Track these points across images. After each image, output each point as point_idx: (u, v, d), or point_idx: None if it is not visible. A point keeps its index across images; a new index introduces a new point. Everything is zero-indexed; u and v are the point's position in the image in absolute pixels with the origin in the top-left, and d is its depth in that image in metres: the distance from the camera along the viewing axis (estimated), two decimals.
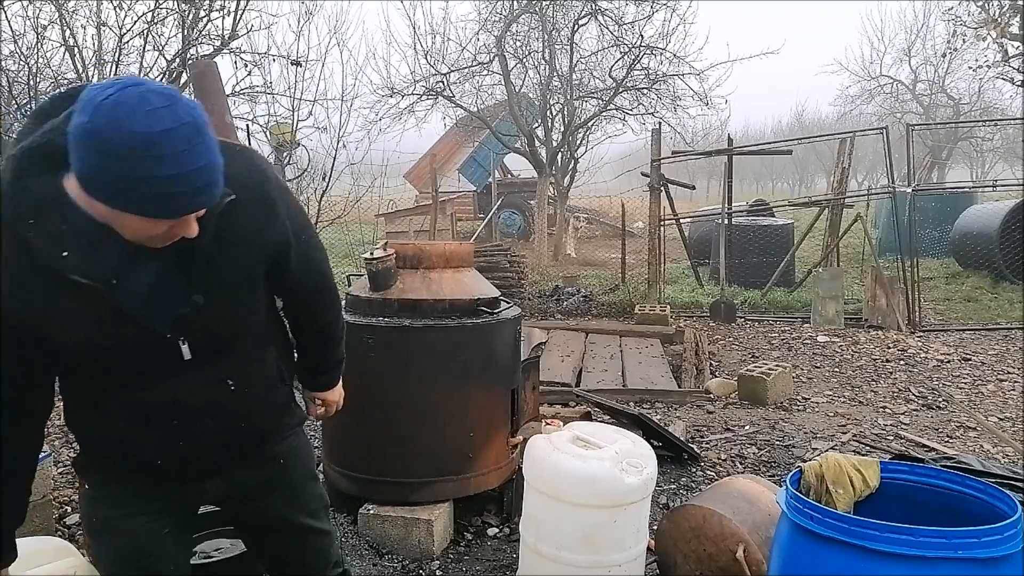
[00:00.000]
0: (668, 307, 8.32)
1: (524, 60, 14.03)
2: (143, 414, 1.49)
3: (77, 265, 1.29)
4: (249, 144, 9.63)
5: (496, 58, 13.30)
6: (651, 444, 2.86)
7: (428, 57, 13.22)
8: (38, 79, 8.13)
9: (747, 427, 4.74)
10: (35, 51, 8.14)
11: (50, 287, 1.30)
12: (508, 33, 13.26)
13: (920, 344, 7.02)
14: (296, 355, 1.83)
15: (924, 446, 4.38)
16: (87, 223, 1.28)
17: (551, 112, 14.53)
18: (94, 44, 8.32)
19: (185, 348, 1.46)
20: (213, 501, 1.72)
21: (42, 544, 1.88)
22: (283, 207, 1.55)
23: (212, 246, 1.40)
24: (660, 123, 11.54)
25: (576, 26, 13.36)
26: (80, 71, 8.18)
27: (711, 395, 5.42)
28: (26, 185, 1.27)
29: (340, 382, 1.99)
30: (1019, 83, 12.75)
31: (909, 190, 8.96)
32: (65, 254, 1.28)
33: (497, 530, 3.30)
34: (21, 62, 8.06)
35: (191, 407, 1.51)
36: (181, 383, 1.49)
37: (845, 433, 4.63)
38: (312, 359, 1.88)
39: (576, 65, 13.88)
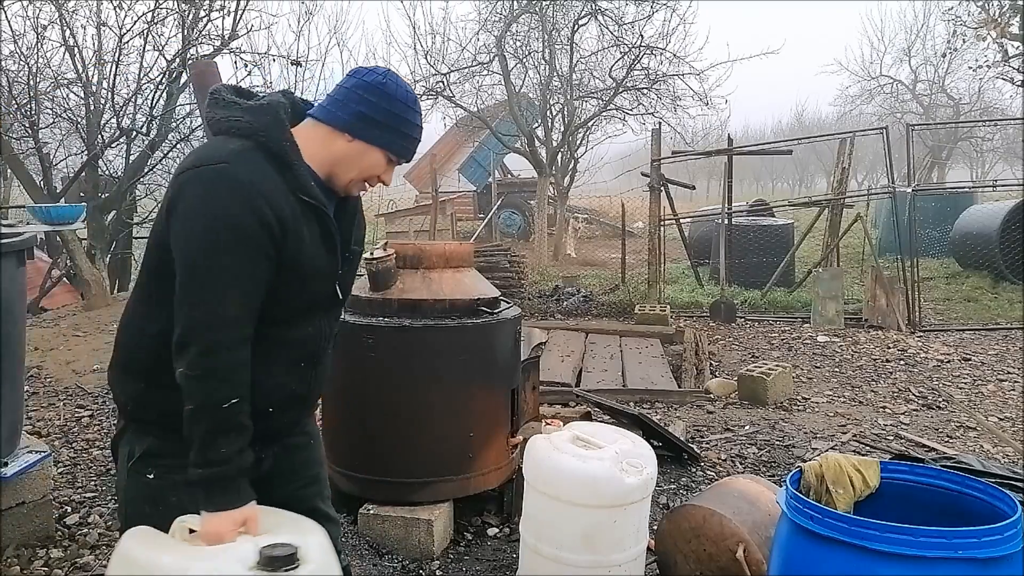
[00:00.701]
0: (668, 307, 8.32)
1: (524, 60, 14.03)
2: (278, 355, 1.65)
3: (316, 193, 1.61)
4: None
5: (496, 58, 13.30)
6: (651, 444, 2.87)
7: (428, 57, 13.24)
8: (38, 79, 8.14)
9: (747, 427, 4.74)
10: (35, 51, 8.15)
11: (295, 205, 1.58)
12: (508, 33, 13.26)
13: (920, 344, 7.02)
14: None
15: (924, 446, 4.38)
16: (308, 169, 1.64)
17: (551, 112, 14.53)
18: (94, 44, 8.34)
19: (336, 290, 1.75)
20: (263, 474, 1.72)
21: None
22: None
23: (357, 216, 1.81)
24: (660, 123, 11.55)
25: (576, 26, 13.37)
26: (80, 71, 8.19)
27: (711, 395, 5.42)
28: (285, 122, 1.62)
29: None
30: (1019, 83, 12.76)
31: (909, 190, 8.97)
32: (313, 183, 1.62)
33: (497, 530, 3.30)
34: (21, 62, 8.07)
35: (315, 350, 1.73)
36: (319, 326, 1.73)
37: (845, 433, 4.63)
38: None
39: (576, 65, 13.88)
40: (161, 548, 1.50)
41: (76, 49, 8.10)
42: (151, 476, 1.61)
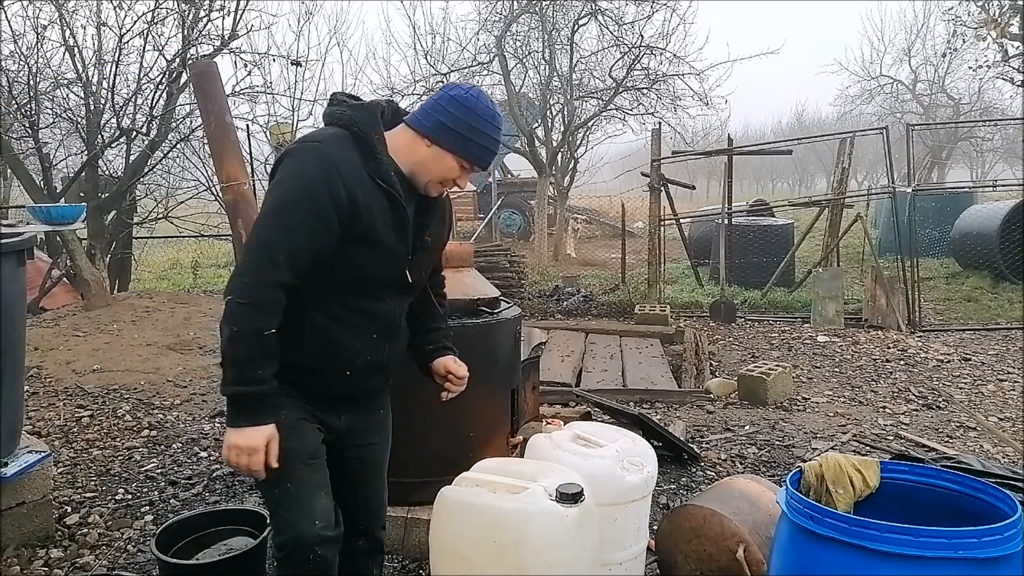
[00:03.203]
0: (668, 307, 8.32)
1: (524, 60, 14.02)
2: (356, 323, 1.91)
3: (392, 181, 1.85)
4: (249, 144, 9.65)
5: (496, 58, 13.29)
6: (651, 444, 2.87)
7: (428, 57, 13.25)
8: (38, 79, 8.14)
9: (747, 427, 4.74)
10: (35, 51, 8.15)
11: (372, 188, 1.83)
12: (508, 33, 13.26)
13: (920, 344, 7.02)
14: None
15: (924, 446, 4.38)
16: (392, 163, 1.88)
17: (551, 112, 14.52)
18: (94, 44, 8.34)
19: (407, 273, 1.95)
20: (337, 433, 2.03)
21: None
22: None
23: (434, 208, 2.00)
24: (660, 123, 11.54)
25: (576, 26, 13.36)
26: (80, 71, 8.19)
27: (711, 395, 5.42)
28: (378, 121, 1.90)
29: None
30: (1019, 83, 12.74)
31: (909, 190, 8.96)
32: (393, 174, 1.86)
33: None
34: (21, 62, 8.07)
35: (386, 327, 1.97)
36: (390, 304, 1.96)
37: (845, 433, 4.62)
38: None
39: (576, 65, 13.87)
40: (476, 495, 2.14)
41: (76, 49, 8.10)
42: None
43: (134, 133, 8.47)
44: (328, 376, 1.93)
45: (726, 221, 9.66)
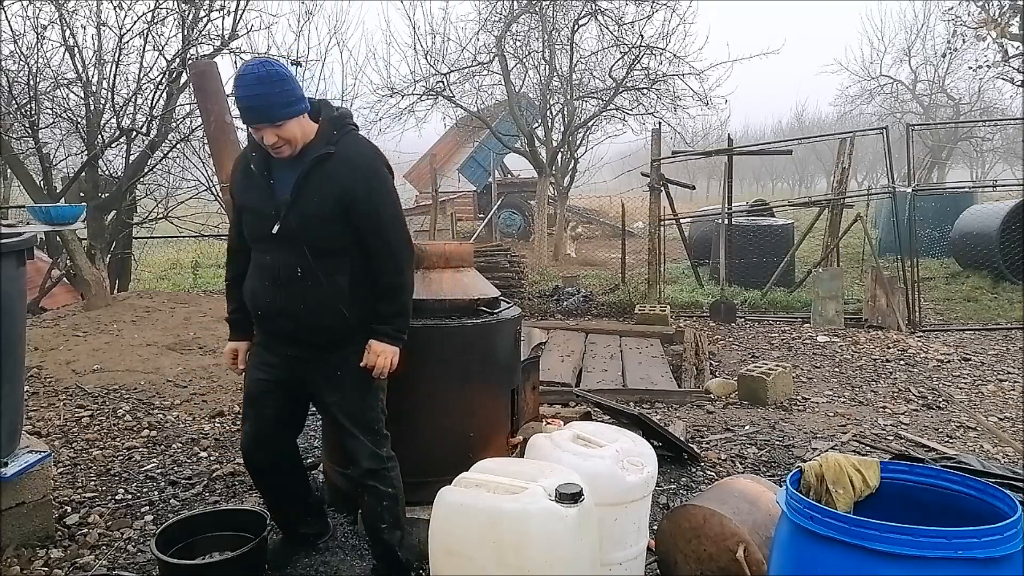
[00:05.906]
0: (668, 307, 8.32)
1: (524, 60, 14.03)
2: (255, 271, 2.50)
3: (259, 162, 2.45)
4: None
5: (496, 58, 13.30)
6: (651, 444, 2.87)
7: (428, 57, 13.25)
8: (38, 79, 8.14)
9: (747, 427, 4.74)
10: (35, 51, 8.14)
11: (248, 172, 2.49)
12: (508, 33, 13.26)
13: (920, 344, 7.02)
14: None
15: (924, 446, 4.38)
16: (261, 147, 2.41)
17: (551, 112, 14.53)
18: (94, 44, 8.33)
19: (276, 226, 2.38)
20: (298, 378, 2.56)
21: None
22: (365, 176, 2.42)
23: (310, 172, 2.39)
24: (660, 123, 11.54)
25: (576, 26, 13.37)
26: (80, 71, 8.19)
27: (711, 395, 5.42)
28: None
29: (393, 346, 2.51)
30: (1019, 83, 12.75)
31: (909, 190, 8.96)
32: (254, 154, 2.46)
33: None
34: (21, 62, 8.06)
35: (275, 275, 2.42)
36: (272, 253, 2.42)
37: (845, 433, 4.62)
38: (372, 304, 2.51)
39: (576, 65, 13.88)
40: (476, 495, 2.21)
41: (76, 49, 8.09)
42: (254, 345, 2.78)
43: (134, 133, 8.46)
44: (254, 308, 2.52)
45: (726, 221, 9.66)
